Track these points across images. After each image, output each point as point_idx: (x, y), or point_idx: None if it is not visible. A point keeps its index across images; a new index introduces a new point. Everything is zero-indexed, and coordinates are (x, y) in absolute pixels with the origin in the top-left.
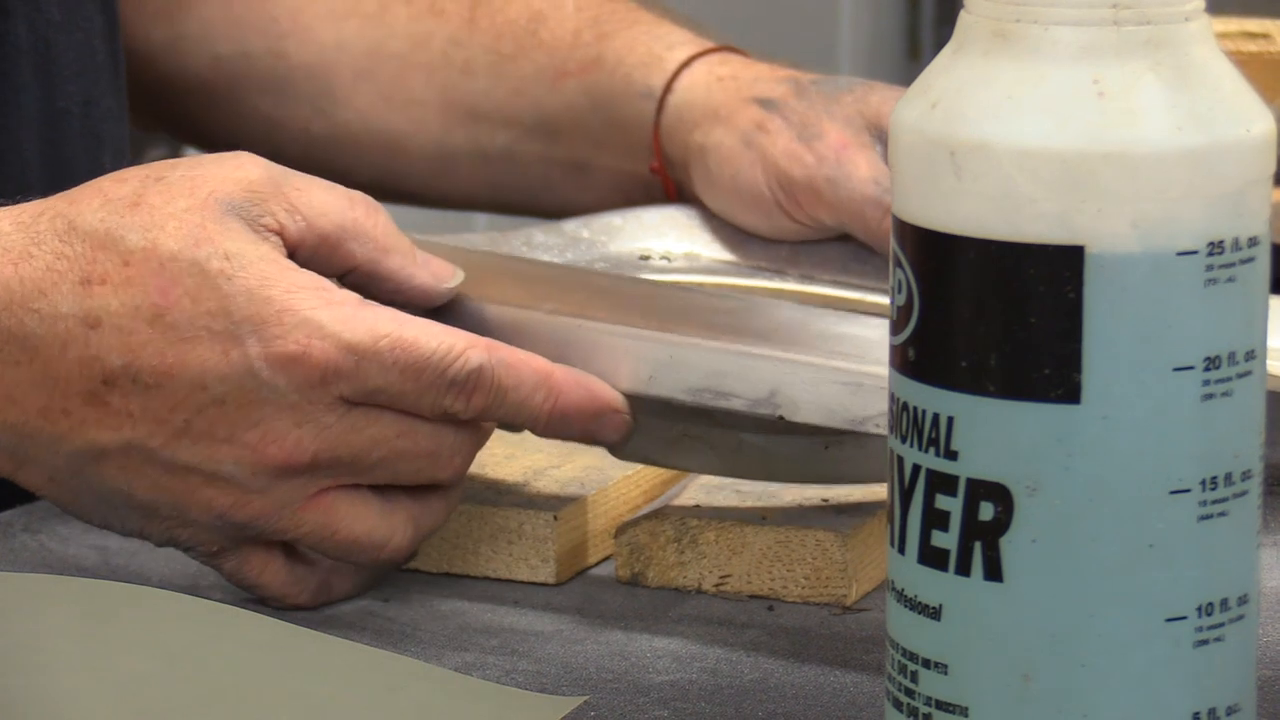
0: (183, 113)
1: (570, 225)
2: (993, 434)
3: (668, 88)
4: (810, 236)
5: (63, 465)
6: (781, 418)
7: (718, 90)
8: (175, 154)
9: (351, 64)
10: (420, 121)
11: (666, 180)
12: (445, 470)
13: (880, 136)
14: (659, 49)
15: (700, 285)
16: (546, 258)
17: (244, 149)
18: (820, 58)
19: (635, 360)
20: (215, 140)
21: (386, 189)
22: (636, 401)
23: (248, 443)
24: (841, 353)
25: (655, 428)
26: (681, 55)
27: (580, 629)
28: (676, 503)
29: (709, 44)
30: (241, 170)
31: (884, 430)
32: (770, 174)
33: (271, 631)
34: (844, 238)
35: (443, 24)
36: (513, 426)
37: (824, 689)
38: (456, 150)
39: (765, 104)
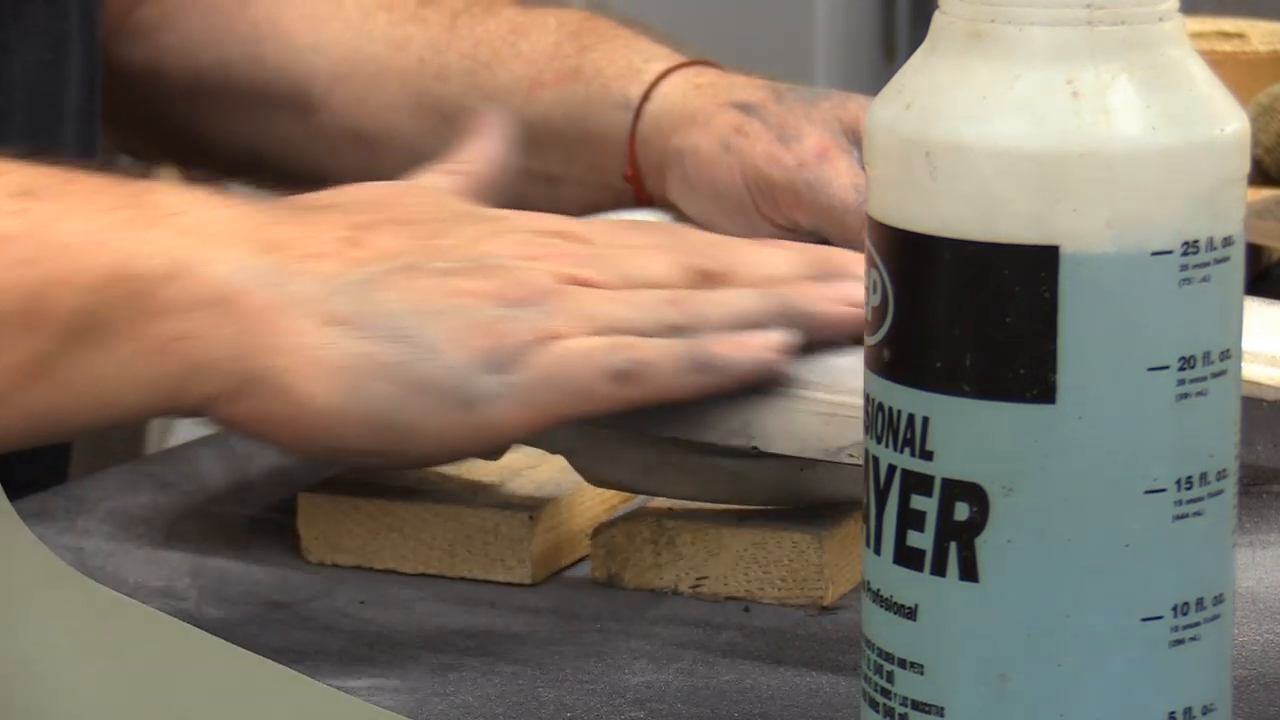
0: (168, 130)
1: None
2: (968, 434)
3: (645, 97)
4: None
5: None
6: (755, 448)
7: (695, 96)
8: None
9: (328, 67)
10: (395, 125)
11: (639, 189)
12: None
13: (857, 143)
14: (637, 62)
15: None
16: None
17: (225, 159)
18: (795, 59)
19: None
20: (202, 153)
21: None
22: (610, 432)
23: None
24: (814, 382)
25: (629, 456)
26: (659, 67)
27: (556, 630)
28: (653, 504)
29: (686, 58)
30: None
31: (858, 460)
32: (749, 176)
33: (235, 661)
34: (819, 241)
35: (423, 30)
36: None
37: (800, 690)
38: (432, 155)
39: (744, 108)
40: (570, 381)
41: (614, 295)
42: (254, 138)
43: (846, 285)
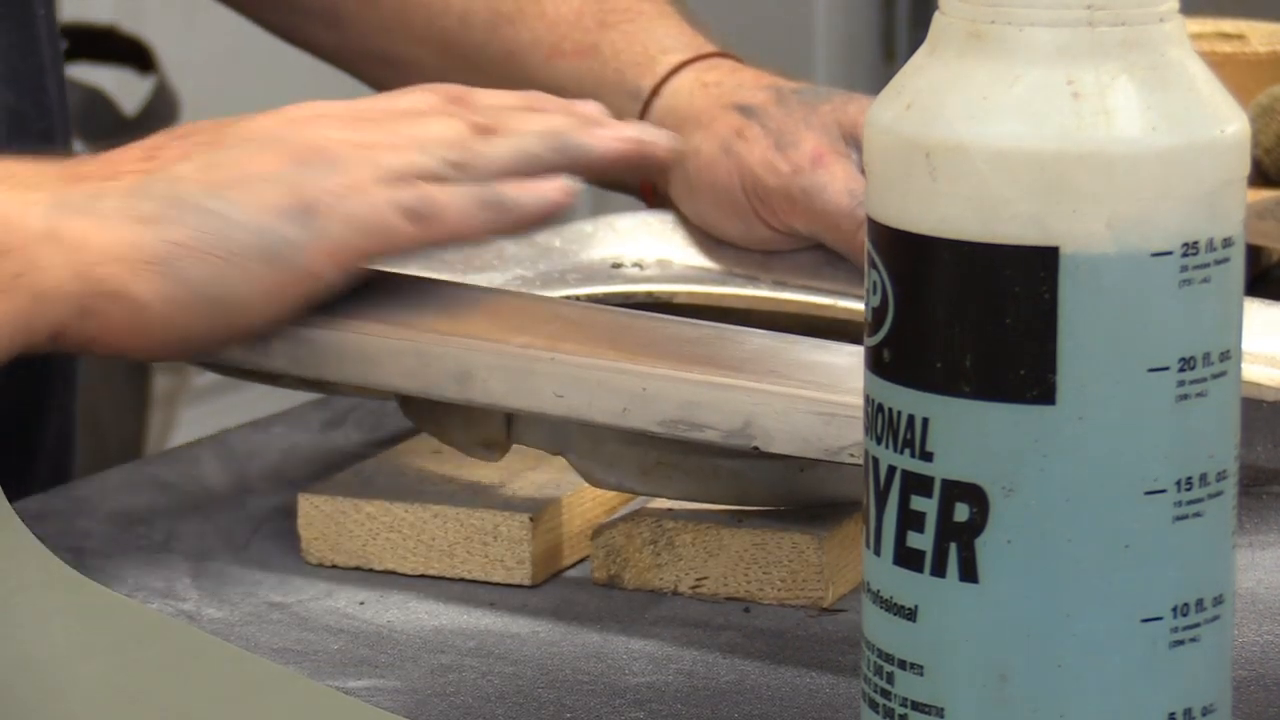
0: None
1: (541, 236)
2: (968, 435)
3: (655, 92)
4: (785, 246)
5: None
6: (756, 448)
7: (700, 96)
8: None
9: None
10: (419, 58)
11: (643, 183)
12: None
13: (857, 146)
14: (654, 50)
15: (672, 295)
16: (519, 270)
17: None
18: (795, 59)
19: (609, 393)
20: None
21: None
22: (610, 432)
23: None
24: (814, 382)
25: (630, 456)
26: (674, 60)
27: (556, 631)
28: (653, 505)
29: (704, 48)
30: None
31: (858, 460)
32: (747, 181)
33: (235, 661)
34: (818, 244)
35: None
36: None
37: (800, 691)
38: None
39: (745, 111)
40: (367, 220)
41: (397, 146)
42: (289, 34)
43: (619, 127)
